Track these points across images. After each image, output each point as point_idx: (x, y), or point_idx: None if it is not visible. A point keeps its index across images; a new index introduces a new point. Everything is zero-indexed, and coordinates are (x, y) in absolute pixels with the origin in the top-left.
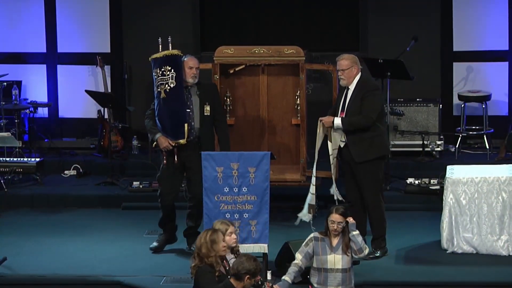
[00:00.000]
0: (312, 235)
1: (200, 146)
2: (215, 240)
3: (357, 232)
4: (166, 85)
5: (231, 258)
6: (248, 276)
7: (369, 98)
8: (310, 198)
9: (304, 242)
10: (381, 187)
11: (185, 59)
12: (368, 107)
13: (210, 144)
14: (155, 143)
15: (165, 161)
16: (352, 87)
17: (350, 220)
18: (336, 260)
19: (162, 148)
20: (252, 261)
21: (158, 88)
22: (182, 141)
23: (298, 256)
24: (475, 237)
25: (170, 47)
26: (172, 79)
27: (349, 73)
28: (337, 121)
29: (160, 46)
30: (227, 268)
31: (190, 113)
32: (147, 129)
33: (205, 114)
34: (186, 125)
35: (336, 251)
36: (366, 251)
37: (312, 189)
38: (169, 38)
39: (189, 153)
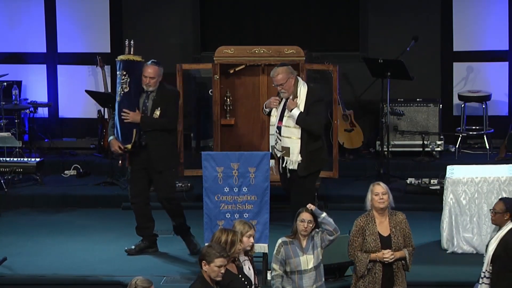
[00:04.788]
0: (280, 240)
1: (149, 151)
2: (235, 242)
3: (324, 213)
4: (121, 89)
5: (244, 260)
6: (203, 261)
7: (317, 108)
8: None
9: (275, 251)
10: (313, 201)
11: (145, 65)
12: (315, 114)
13: (160, 149)
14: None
15: (120, 164)
16: (296, 96)
17: (311, 206)
18: (308, 259)
19: (113, 151)
20: (207, 247)
21: (118, 91)
22: (128, 146)
23: (275, 267)
24: (475, 237)
25: (131, 51)
26: (126, 84)
27: (288, 85)
28: (295, 111)
29: (126, 48)
30: (241, 267)
31: None
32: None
33: (154, 118)
34: (134, 130)
35: (307, 252)
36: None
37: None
38: (132, 42)
39: (145, 157)
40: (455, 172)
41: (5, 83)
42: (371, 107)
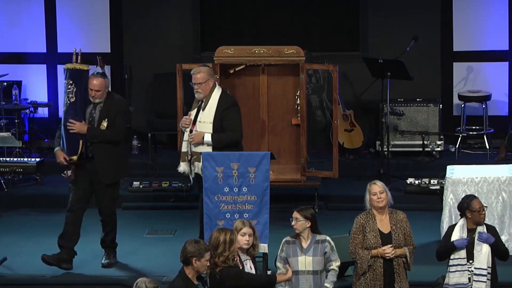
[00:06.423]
0: (284, 239)
1: (96, 163)
2: (233, 241)
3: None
4: (67, 99)
5: (245, 259)
6: (194, 258)
7: (232, 114)
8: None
9: (279, 249)
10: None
11: (90, 77)
12: (233, 121)
13: (107, 162)
14: None
15: (65, 175)
16: (208, 101)
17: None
18: (307, 261)
19: (58, 162)
20: (194, 243)
21: (64, 100)
22: (74, 157)
23: (279, 265)
24: None
25: (79, 59)
26: (72, 93)
27: (205, 86)
28: (207, 138)
29: (74, 56)
30: (241, 268)
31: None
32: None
33: (101, 129)
34: (81, 141)
35: (307, 253)
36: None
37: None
38: (79, 49)
39: (91, 169)
40: (455, 172)
41: (5, 83)
42: (371, 107)
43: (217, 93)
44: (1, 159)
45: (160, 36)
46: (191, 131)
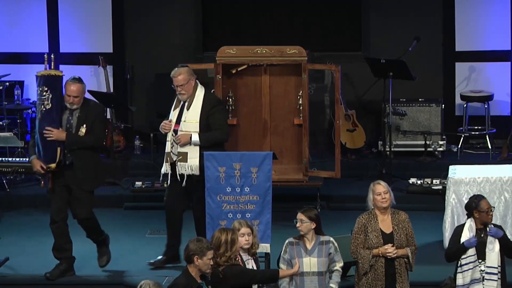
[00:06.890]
0: (286, 240)
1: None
2: (235, 240)
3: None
4: (42, 106)
5: (247, 259)
6: (196, 256)
7: (219, 113)
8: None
9: (282, 251)
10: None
11: (67, 83)
12: (220, 120)
13: (86, 168)
14: None
15: (42, 185)
16: (192, 100)
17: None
18: (312, 263)
19: (35, 171)
20: (196, 241)
21: (38, 108)
22: (52, 165)
23: (283, 267)
24: None
25: (52, 65)
26: (48, 100)
27: (188, 86)
28: (195, 137)
29: (46, 63)
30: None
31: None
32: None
33: (80, 136)
34: (58, 149)
35: (311, 254)
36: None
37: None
38: (52, 56)
39: (69, 176)
40: (457, 172)
41: (7, 83)
42: (373, 107)
43: (200, 91)
44: (3, 159)
45: (162, 36)
46: (175, 131)
